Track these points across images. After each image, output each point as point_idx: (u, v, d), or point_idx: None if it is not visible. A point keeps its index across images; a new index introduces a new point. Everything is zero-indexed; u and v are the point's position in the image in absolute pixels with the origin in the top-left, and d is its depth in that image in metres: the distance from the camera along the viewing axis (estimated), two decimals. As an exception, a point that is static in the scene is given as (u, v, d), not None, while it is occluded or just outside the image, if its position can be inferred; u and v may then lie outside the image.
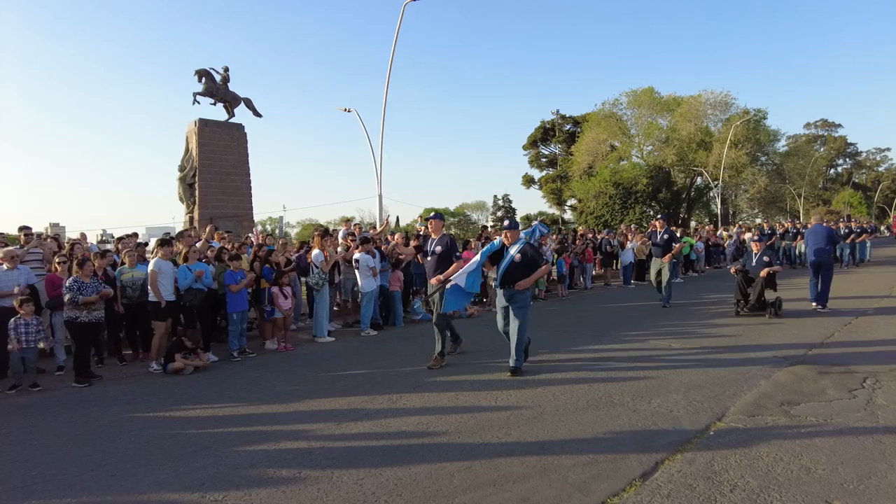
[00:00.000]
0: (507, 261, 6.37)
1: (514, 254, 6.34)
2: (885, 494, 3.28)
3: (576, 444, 4.20)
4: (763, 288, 9.49)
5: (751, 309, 9.58)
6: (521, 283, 6.24)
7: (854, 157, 77.32)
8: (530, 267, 6.32)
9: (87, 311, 6.89)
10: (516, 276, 6.28)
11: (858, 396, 5.13)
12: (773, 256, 10.03)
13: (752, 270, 9.85)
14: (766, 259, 9.84)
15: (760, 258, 9.93)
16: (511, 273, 6.31)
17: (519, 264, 6.31)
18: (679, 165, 41.98)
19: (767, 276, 9.51)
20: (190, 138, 19.86)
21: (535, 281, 6.49)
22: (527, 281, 6.27)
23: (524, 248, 6.38)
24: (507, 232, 6.56)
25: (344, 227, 12.79)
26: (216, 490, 3.60)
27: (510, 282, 6.31)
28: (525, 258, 6.32)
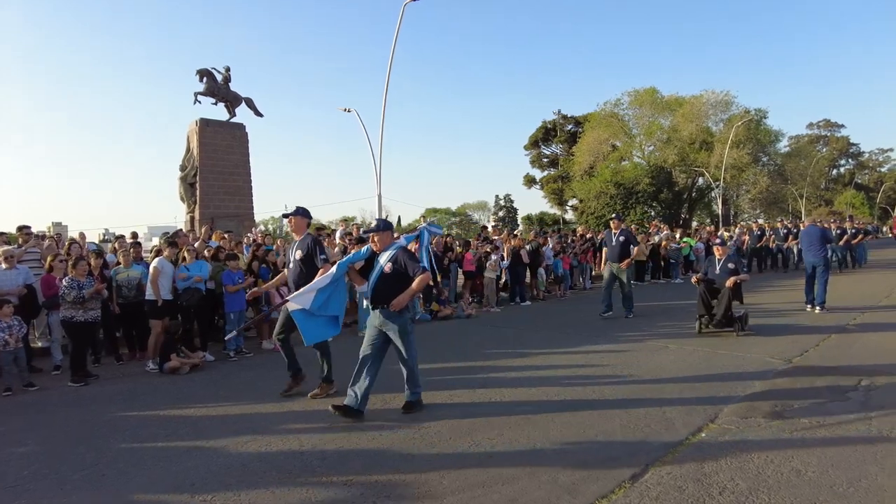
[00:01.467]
0: (376, 273, 5.08)
1: (382, 264, 5.04)
2: (875, 498, 3.27)
3: (567, 445, 4.20)
4: (730, 300, 8.19)
5: (716, 325, 8.28)
6: (394, 301, 4.91)
7: (857, 157, 77.11)
8: (403, 280, 4.98)
9: (84, 311, 6.90)
10: (387, 293, 4.96)
11: (852, 399, 5.12)
12: (740, 263, 8.77)
13: (717, 280, 8.54)
14: (731, 266, 8.52)
15: (725, 265, 8.62)
16: (380, 289, 5.01)
17: (389, 277, 4.99)
18: (680, 166, 41.92)
19: (734, 287, 8.25)
20: (191, 138, 19.93)
21: (412, 297, 5.07)
22: (402, 298, 4.91)
23: (396, 256, 5.02)
24: (374, 235, 5.22)
25: (342, 226, 12.80)
26: (206, 490, 3.60)
27: (382, 300, 5.00)
28: (396, 269, 4.98)
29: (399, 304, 4.92)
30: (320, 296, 5.26)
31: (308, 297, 5.24)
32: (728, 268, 8.51)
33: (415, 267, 4.96)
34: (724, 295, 8.24)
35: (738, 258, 9.10)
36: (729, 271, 8.45)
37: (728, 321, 8.22)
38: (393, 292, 4.93)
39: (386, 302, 4.95)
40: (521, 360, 7.15)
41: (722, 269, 8.58)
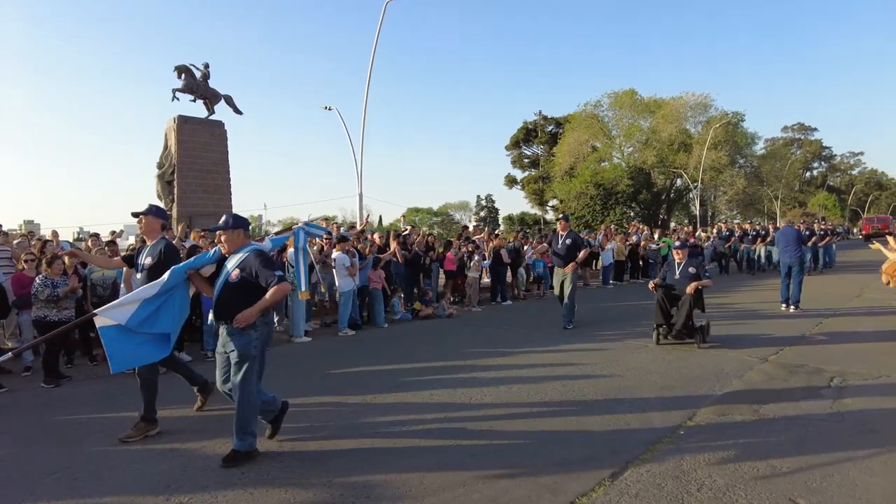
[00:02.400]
0: (221, 281, 4.12)
1: (230, 269, 4.08)
2: (847, 492, 3.34)
3: (547, 444, 4.21)
4: (691, 308, 7.39)
5: (676, 335, 7.55)
6: (238, 316, 3.90)
7: (829, 160, 78.93)
8: (252, 291, 4.00)
9: (58, 310, 6.74)
10: (232, 305, 3.95)
11: (825, 395, 5.23)
12: (702, 267, 7.95)
13: (676, 286, 7.74)
14: (692, 271, 7.71)
15: (685, 270, 7.77)
16: (225, 300, 4.03)
17: (236, 287, 4.03)
18: (659, 167, 42.45)
19: (695, 294, 7.45)
20: (169, 135, 19.58)
21: (261, 311, 3.99)
22: (248, 314, 3.90)
23: (246, 261, 4.05)
24: (221, 234, 4.22)
25: (322, 224, 12.67)
26: (182, 492, 3.54)
27: (225, 314, 4.00)
28: (245, 277, 4.02)
29: (244, 320, 3.89)
30: (144, 308, 4.20)
31: (125, 311, 4.17)
32: (689, 272, 7.68)
33: (268, 275, 3.95)
34: (684, 302, 7.41)
35: (701, 261, 8.39)
36: (690, 276, 7.63)
37: (689, 331, 7.48)
38: (239, 305, 3.93)
39: (230, 317, 3.95)
40: (502, 359, 7.17)
41: (682, 274, 7.74)
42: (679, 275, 7.79)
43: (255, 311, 3.93)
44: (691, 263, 7.80)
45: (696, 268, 7.74)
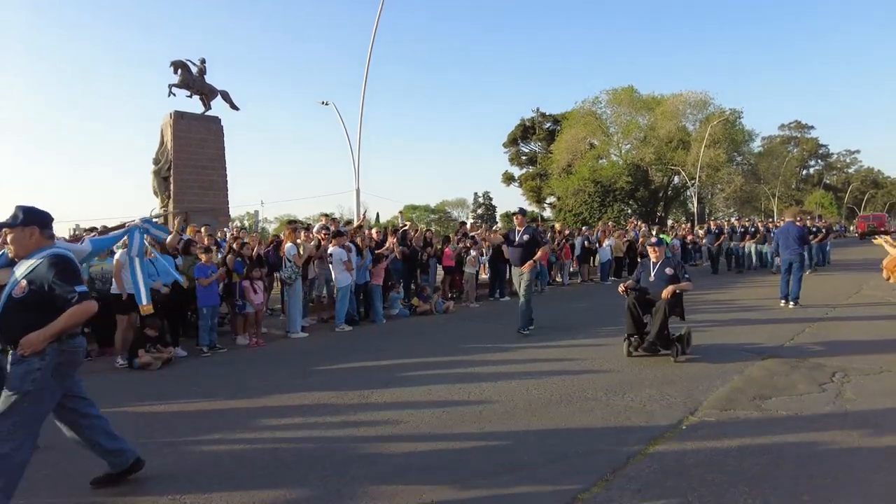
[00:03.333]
0: (5, 294, 3.21)
1: (17, 279, 3.18)
2: (852, 488, 3.28)
3: (547, 440, 4.15)
4: (666, 316, 6.42)
5: (648, 348, 6.49)
6: (23, 340, 3.04)
7: (825, 158, 79.07)
8: (43, 309, 3.11)
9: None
10: (18, 325, 3.08)
11: (828, 390, 5.18)
12: (681, 268, 6.98)
13: (651, 289, 6.76)
14: (668, 272, 6.74)
15: (661, 271, 6.80)
16: (9, 319, 3.15)
17: (21, 302, 3.13)
18: (657, 164, 42.43)
19: (672, 299, 6.50)
20: (165, 131, 19.47)
21: (52, 337, 3.09)
22: (34, 338, 3.04)
23: (37, 270, 3.14)
24: (8, 232, 3.38)
25: (322, 220, 12.60)
26: (176, 489, 3.46)
27: (8, 336, 3.14)
28: (34, 291, 3.12)
29: (28, 346, 3.03)
30: None
31: None
32: (665, 274, 6.72)
33: (66, 290, 3.09)
34: (658, 309, 6.44)
35: (680, 262, 7.35)
36: (666, 278, 6.68)
37: (664, 342, 6.49)
38: (27, 326, 3.06)
39: (14, 340, 3.08)
40: (500, 354, 7.10)
41: (658, 276, 6.76)
42: (654, 276, 6.80)
43: (43, 335, 3.04)
44: (668, 264, 6.86)
45: (673, 268, 6.79)
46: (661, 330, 6.41)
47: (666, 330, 6.47)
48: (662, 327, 6.42)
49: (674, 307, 6.59)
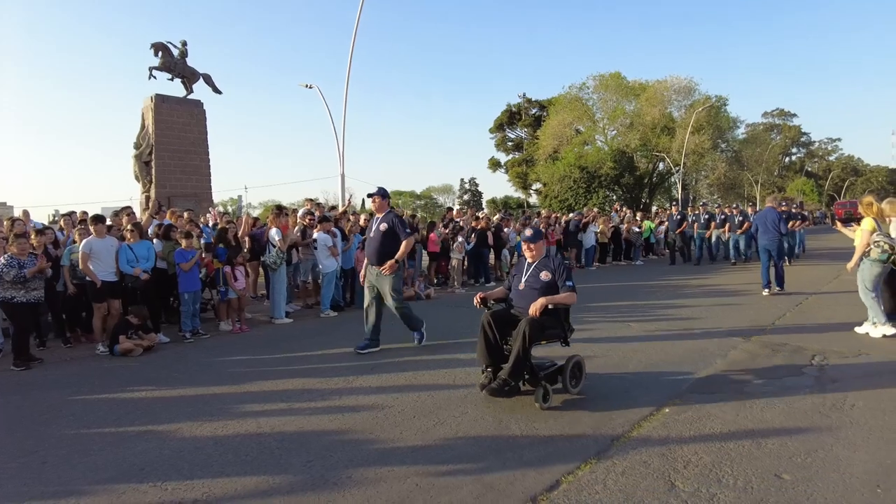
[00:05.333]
0: None
1: None
2: (831, 466, 3.33)
3: (532, 423, 4.15)
4: (527, 340, 4.37)
5: (496, 389, 4.42)
6: None
7: (807, 146, 80.00)
8: None
9: (26, 291, 6.51)
10: None
11: (807, 373, 5.26)
12: (562, 272, 4.78)
13: (517, 301, 4.92)
14: (543, 277, 4.79)
15: (535, 276, 4.85)
16: None
17: None
18: (642, 150, 42.55)
19: (544, 316, 4.53)
20: (146, 114, 19.12)
21: None
22: None
23: None
24: None
25: (307, 205, 12.46)
26: (156, 477, 3.41)
27: None
28: None
29: None
30: None
31: None
32: (540, 280, 4.78)
33: None
34: (519, 331, 4.42)
35: (564, 263, 4.96)
36: (540, 287, 4.74)
37: (531, 376, 4.56)
38: None
39: None
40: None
41: (529, 282, 4.84)
42: (525, 283, 4.86)
43: None
44: (546, 266, 4.86)
45: (551, 273, 4.80)
46: (517, 362, 4.37)
47: (528, 362, 4.47)
48: (519, 359, 4.36)
49: (546, 328, 4.58)
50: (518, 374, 4.48)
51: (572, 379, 4.80)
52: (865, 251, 6.77)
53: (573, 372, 4.83)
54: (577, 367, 4.89)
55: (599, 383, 5.09)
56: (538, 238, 5.02)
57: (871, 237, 6.71)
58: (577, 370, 4.89)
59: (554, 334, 4.75)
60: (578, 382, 4.88)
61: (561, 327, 4.79)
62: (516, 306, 4.90)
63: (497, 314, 4.84)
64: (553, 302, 4.59)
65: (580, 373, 4.93)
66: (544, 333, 4.60)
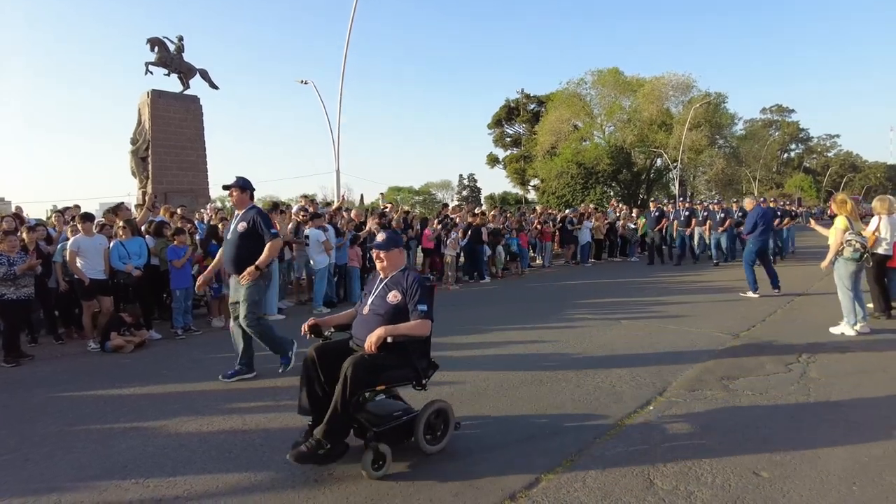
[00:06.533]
0: None
1: None
2: (809, 464, 3.35)
3: (516, 420, 4.17)
4: (349, 385, 3.23)
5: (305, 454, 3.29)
6: None
7: (806, 142, 79.93)
8: None
9: (16, 288, 6.51)
10: None
11: (793, 370, 5.28)
12: (417, 292, 3.55)
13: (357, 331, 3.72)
14: (392, 299, 3.60)
15: (381, 298, 3.65)
16: None
17: None
18: (639, 146, 42.50)
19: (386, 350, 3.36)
20: (142, 110, 19.11)
21: None
22: None
23: None
24: None
25: (301, 201, 12.47)
26: (139, 474, 3.42)
27: None
28: None
29: None
30: None
31: None
32: (387, 303, 3.60)
33: None
34: (343, 373, 3.27)
35: (422, 279, 3.68)
36: (388, 312, 3.56)
37: (360, 430, 3.44)
38: None
39: None
40: (476, 336, 7.12)
41: (374, 306, 3.64)
42: (369, 306, 3.66)
43: None
44: (398, 283, 3.62)
45: (402, 292, 3.58)
46: (334, 418, 3.25)
47: (349, 416, 3.30)
48: (336, 413, 3.24)
49: (386, 369, 3.42)
50: (336, 434, 3.29)
51: (428, 433, 3.56)
52: (839, 250, 6.83)
53: (431, 424, 3.59)
54: (437, 417, 3.64)
55: (585, 381, 5.11)
56: (392, 245, 3.74)
57: (844, 236, 6.76)
58: (438, 422, 3.64)
59: (398, 376, 3.55)
60: (439, 438, 3.62)
61: (411, 366, 3.56)
62: (355, 337, 3.67)
63: (328, 348, 3.62)
64: (394, 334, 3.37)
65: (445, 425, 3.67)
66: (381, 376, 3.42)
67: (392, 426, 3.48)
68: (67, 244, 7.16)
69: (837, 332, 6.74)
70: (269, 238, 5.40)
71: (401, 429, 3.52)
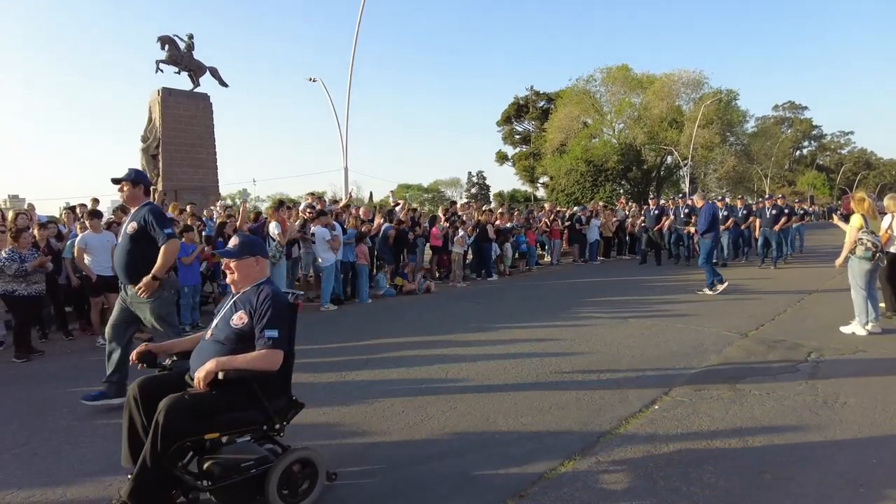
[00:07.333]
0: None
1: None
2: (815, 466, 3.32)
3: (520, 419, 4.16)
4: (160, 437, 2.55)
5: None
6: None
7: (819, 139, 78.90)
8: None
9: (27, 284, 6.59)
10: None
11: (801, 370, 5.22)
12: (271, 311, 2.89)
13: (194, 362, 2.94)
14: (236, 323, 2.92)
15: (224, 322, 2.98)
16: None
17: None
18: (650, 144, 42.22)
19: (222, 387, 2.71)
20: (153, 108, 19.23)
21: None
22: None
23: None
24: None
25: (307, 199, 12.50)
26: (142, 468, 3.45)
27: None
28: None
29: None
30: None
31: None
32: (230, 327, 2.96)
33: None
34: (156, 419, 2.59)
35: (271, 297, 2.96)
36: (230, 338, 2.92)
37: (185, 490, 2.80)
38: None
39: None
40: (481, 334, 7.11)
41: (216, 331, 3.03)
42: (212, 330, 3.05)
43: None
44: (247, 302, 2.99)
45: (249, 314, 2.94)
46: (141, 475, 2.62)
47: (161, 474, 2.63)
48: (145, 469, 2.61)
49: (219, 412, 2.74)
50: (147, 496, 2.62)
51: (286, 489, 2.81)
52: (852, 248, 6.74)
53: (291, 478, 2.85)
54: (302, 468, 2.90)
55: (590, 379, 5.09)
56: (245, 252, 3.06)
57: (857, 234, 6.68)
58: (301, 475, 2.90)
59: (237, 421, 2.79)
60: (302, 495, 2.88)
61: (258, 407, 2.81)
62: (191, 370, 2.88)
63: (157, 383, 2.93)
64: (227, 368, 2.69)
65: (312, 479, 2.94)
66: (210, 421, 2.69)
67: (234, 482, 2.67)
68: (76, 241, 7.24)
69: (848, 331, 6.66)
70: (163, 240, 4.43)
71: (246, 485, 2.72)
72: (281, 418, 2.96)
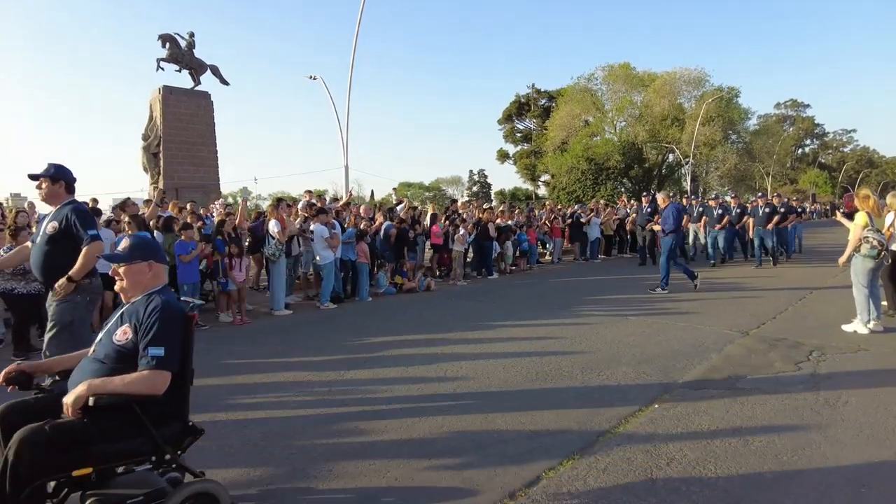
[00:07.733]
0: None
1: None
2: (816, 465, 3.29)
3: (519, 417, 4.14)
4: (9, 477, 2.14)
5: None
6: None
7: (821, 137, 78.69)
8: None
9: (26, 283, 6.57)
10: None
11: (803, 369, 5.19)
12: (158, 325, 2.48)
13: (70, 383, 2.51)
14: (119, 340, 2.51)
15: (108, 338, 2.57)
16: None
17: None
18: (651, 142, 42.13)
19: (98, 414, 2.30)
20: (154, 106, 19.24)
21: None
22: None
23: None
24: None
25: (306, 196, 12.47)
26: (140, 467, 3.43)
27: None
28: None
29: None
30: None
31: None
32: (113, 343, 2.52)
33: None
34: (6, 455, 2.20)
35: (161, 309, 2.54)
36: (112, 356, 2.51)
37: None
38: None
39: None
40: (481, 332, 7.09)
41: (98, 348, 2.59)
42: (95, 346, 2.64)
43: None
44: (134, 314, 2.56)
45: (134, 328, 2.52)
46: None
47: None
48: None
49: (96, 443, 2.33)
50: None
51: None
52: (856, 246, 6.69)
53: None
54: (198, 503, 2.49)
55: (590, 378, 5.06)
56: (136, 255, 2.67)
57: (862, 232, 6.63)
58: None
59: (117, 452, 2.41)
60: None
61: (146, 435, 2.42)
62: (69, 391, 2.41)
63: (19, 410, 2.47)
64: (99, 393, 2.31)
65: None
66: (84, 454, 2.29)
67: None
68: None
69: (850, 329, 6.63)
70: (87, 241, 4.05)
71: None
72: (175, 447, 2.54)
